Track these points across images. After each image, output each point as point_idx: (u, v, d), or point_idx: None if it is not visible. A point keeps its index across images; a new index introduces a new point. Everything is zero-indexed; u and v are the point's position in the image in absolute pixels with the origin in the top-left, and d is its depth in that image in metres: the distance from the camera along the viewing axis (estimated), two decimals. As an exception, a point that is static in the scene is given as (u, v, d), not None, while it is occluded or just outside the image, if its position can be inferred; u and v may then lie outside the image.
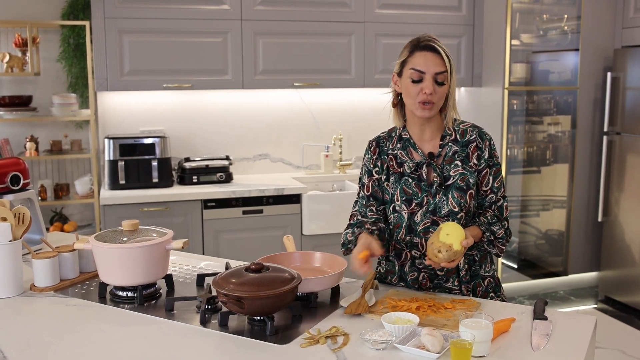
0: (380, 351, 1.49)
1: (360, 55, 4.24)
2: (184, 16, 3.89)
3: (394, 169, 1.96)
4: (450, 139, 1.94)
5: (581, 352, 1.50)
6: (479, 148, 1.92)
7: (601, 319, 4.16)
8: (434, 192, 1.90)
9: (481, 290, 1.99)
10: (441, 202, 1.89)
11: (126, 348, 1.55)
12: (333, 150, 4.53)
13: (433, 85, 1.84)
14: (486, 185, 1.94)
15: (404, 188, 1.92)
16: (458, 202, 1.89)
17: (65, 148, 4.12)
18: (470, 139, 1.93)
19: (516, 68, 4.53)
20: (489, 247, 1.94)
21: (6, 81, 4.07)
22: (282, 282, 1.62)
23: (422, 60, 1.85)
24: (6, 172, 2.30)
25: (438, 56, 1.85)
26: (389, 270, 2.03)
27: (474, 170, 1.92)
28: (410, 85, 1.87)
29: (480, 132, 1.95)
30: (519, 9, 4.48)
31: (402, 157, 1.96)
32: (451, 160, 1.92)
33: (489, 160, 1.93)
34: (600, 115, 4.59)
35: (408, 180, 1.93)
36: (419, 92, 1.85)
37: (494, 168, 1.94)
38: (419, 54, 1.86)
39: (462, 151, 1.92)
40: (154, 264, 1.88)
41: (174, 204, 3.77)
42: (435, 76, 1.85)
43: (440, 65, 1.85)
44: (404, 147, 1.97)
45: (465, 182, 1.90)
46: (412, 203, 1.92)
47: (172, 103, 4.25)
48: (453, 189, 1.89)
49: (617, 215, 4.45)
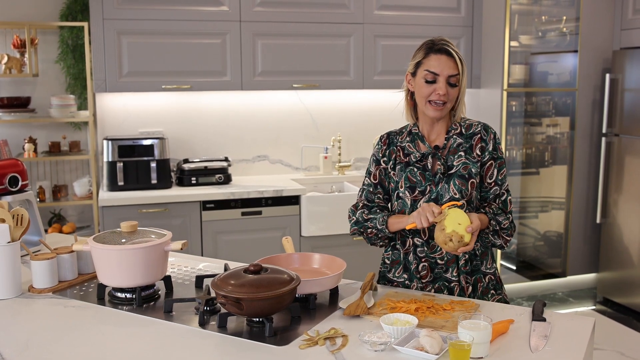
0: (379, 352, 1.49)
1: (359, 57, 4.25)
2: (182, 17, 3.89)
3: (401, 159, 2.03)
4: (455, 132, 2.01)
5: (579, 353, 1.50)
6: (483, 140, 1.98)
7: (599, 320, 4.16)
8: (437, 181, 1.96)
9: (482, 286, 2.01)
10: (443, 190, 1.95)
11: (125, 349, 1.55)
12: (332, 151, 4.53)
13: (446, 87, 1.91)
14: (490, 177, 1.99)
15: (409, 176, 1.99)
16: (459, 189, 1.94)
17: (63, 149, 4.12)
18: (475, 131, 2.00)
19: (515, 69, 4.53)
20: (493, 238, 1.96)
21: (4, 82, 4.07)
22: (281, 284, 1.62)
23: (436, 63, 1.92)
24: (5, 173, 2.29)
25: (452, 59, 1.92)
26: (395, 261, 2.05)
27: (476, 161, 1.97)
28: (423, 85, 1.94)
29: (485, 126, 2.02)
30: (518, 10, 4.49)
31: (409, 149, 2.03)
32: (455, 152, 1.99)
33: (493, 152, 1.99)
34: (598, 117, 4.59)
35: (413, 169, 1.99)
36: (431, 93, 1.92)
37: (498, 161, 2.00)
38: (433, 57, 1.93)
39: (466, 142, 1.99)
40: (152, 265, 1.87)
41: (172, 206, 3.77)
42: (449, 78, 1.92)
43: (454, 68, 1.92)
44: (412, 140, 2.04)
45: (467, 170, 1.96)
46: (415, 190, 1.98)
47: (171, 104, 4.24)
48: (455, 177, 1.95)
49: (616, 217, 4.45)
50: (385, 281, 2.08)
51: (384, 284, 2.08)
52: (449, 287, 1.98)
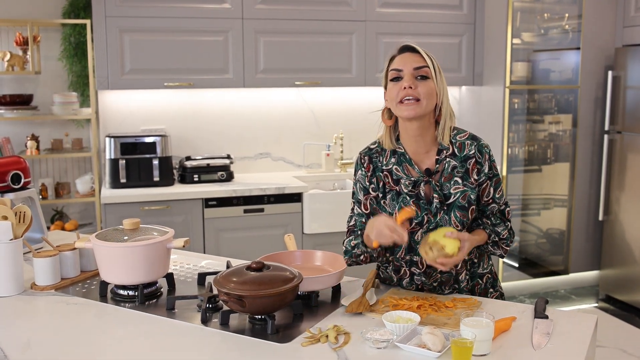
0: (381, 350, 1.49)
1: (361, 54, 4.24)
2: (185, 15, 3.89)
3: (391, 186, 1.88)
4: (447, 154, 1.85)
5: (582, 350, 1.50)
6: (479, 163, 1.84)
7: (602, 317, 4.15)
8: (434, 211, 1.83)
9: (479, 288, 1.97)
10: (443, 220, 1.83)
11: (127, 347, 1.55)
12: (334, 149, 4.53)
13: (412, 80, 1.77)
14: (487, 196, 1.88)
15: (403, 207, 1.84)
16: (460, 221, 1.83)
17: (66, 147, 4.12)
18: (469, 154, 1.84)
19: (517, 67, 4.52)
20: (493, 249, 1.92)
21: (7, 80, 4.08)
22: (283, 281, 1.62)
23: (399, 60, 1.82)
24: (7, 170, 2.30)
25: (416, 54, 1.81)
26: (388, 277, 2.01)
27: (474, 186, 1.84)
28: (391, 88, 1.81)
29: (479, 146, 1.85)
30: (520, 7, 4.48)
31: (397, 173, 1.87)
32: (450, 177, 1.84)
33: (489, 173, 1.86)
34: (601, 114, 4.58)
35: (406, 198, 1.84)
36: (399, 90, 1.78)
37: (494, 179, 1.88)
38: (396, 58, 1.84)
39: (461, 167, 1.84)
40: (155, 262, 1.88)
41: (175, 203, 3.77)
42: (414, 72, 1.78)
43: (419, 61, 1.79)
44: (398, 162, 1.87)
45: (466, 199, 1.83)
46: (411, 222, 1.84)
47: (173, 102, 4.25)
48: (455, 208, 1.82)
49: (618, 214, 4.45)
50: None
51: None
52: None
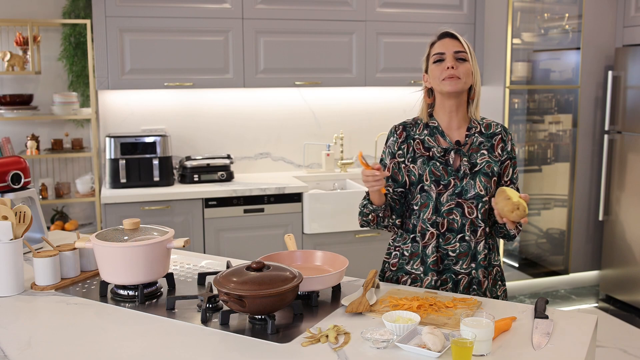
0: (381, 350, 1.49)
1: (362, 54, 4.24)
2: (185, 15, 3.89)
3: (422, 152, 2.05)
4: (476, 131, 2.06)
5: (582, 350, 1.50)
6: (503, 140, 2.07)
7: (602, 317, 4.16)
8: (461, 176, 2.00)
9: (491, 277, 2.07)
10: (468, 185, 1.99)
11: (127, 347, 1.55)
12: (334, 149, 4.53)
13: (454, 61, 1.98)
14: (507, 176, 2.06)
15: (432, 170, 2.01)
16: (485, 186, 2.00)
17: (66, 147, 4.12)
18: (496, 131, 2.07)
19: (517, 67, 4.52)
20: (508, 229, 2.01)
21: (7, 80, 4.08)
22: (283, 281, 1.62)
23: (440, 45, 2.02)
24: (7, 170, 2.30)
25: (455, 40, 2.01)
26: (414, 253, 2.05)
27: (497, 160, 2.04)
28: (435, 69, 2.01)
29: (504, 127, 2.10)
30: (520, 7, 4.48)
31: (429, 143, 2.06)
32: (477, 150, 2.04)
33: (510, 152, 2.07)
34: (601, 114, 4.59)
35: (436, 163, 2.02)
36: (442, 70, 1.98)
37: (514, 160, 2.08)
38: (437, 43, 2.03)
39: (487, 142, 2.05)
40: (155, 262, 1.88)
41: (175, 203, 3.77)
42: (455, 54, 1.99)
43: (458, 46, 2.00)
44: (431, 133, 2.07)
45: (490, 169, 2.02)
46: (439, 184, 2.00)
47: (173, 102, 4.25)
48: (480, 174, 2.00)
49: (618, 214, 4.45)
50: (403, 273, 2.07)
51: (400, 275, 2.08)
52: (455, 279, 2.01)
